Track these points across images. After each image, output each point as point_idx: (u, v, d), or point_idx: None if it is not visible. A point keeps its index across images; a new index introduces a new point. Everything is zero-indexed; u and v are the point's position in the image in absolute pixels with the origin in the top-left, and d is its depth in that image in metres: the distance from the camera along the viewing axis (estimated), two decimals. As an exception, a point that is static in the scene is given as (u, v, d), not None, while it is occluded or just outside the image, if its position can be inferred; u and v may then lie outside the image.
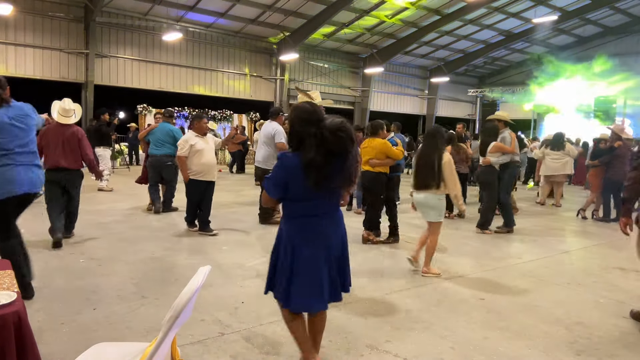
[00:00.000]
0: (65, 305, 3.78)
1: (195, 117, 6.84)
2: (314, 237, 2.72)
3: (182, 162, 6.43)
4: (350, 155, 2.63)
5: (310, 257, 2.70)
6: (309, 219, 2.73)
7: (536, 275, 5.21)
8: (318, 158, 2.56)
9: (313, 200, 2.70)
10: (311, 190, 2.62)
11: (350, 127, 2.67)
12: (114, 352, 2.27)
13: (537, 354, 3.28)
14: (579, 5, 20.92)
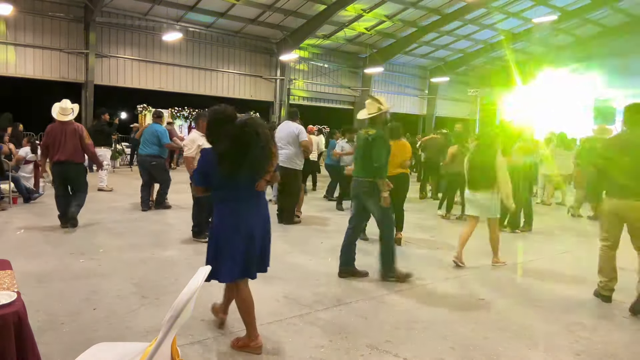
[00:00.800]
0: (65, 305, 3.78)
1: (199, 115, 6.45)
2: (233, 219, 3.11)
3: (190, 163, 6.12)
4: (258, 147, 3.00)
5: (230, 236, 3.09)
6: (228, 204, 3.14)
7: (536, 275, 5.20)
8: (229, 151, 2.97)
9: (230, 187, 3.10)
10: (227, 178, 3.03)
11: (257, 123, 3.09)
12: (114, 352, 2.27)
13: (537, 354, 3.28)
14: (579, 6, 20.91)
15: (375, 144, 4.68)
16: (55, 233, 6.26)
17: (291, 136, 7.38)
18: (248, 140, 2.99)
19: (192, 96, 20.31)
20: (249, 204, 3.16)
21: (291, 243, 6.26)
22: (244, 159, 3.00)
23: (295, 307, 3.95)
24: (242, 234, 3.08)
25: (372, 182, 4.71)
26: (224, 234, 3.11)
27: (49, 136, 6.43)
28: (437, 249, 6.20)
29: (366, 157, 4.72)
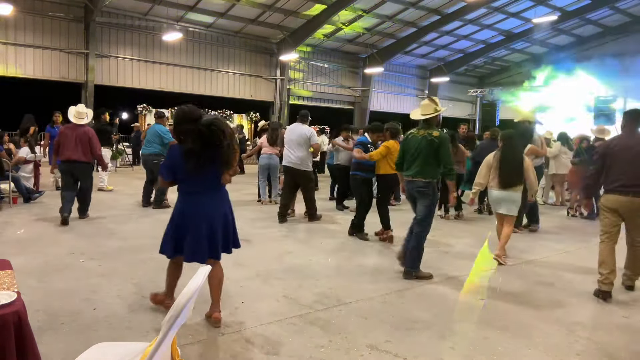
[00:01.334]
0: (65, 305, 3.78)
1: None
2: (196, 208, 3.47)
3: None
4: (223, 145, 3.33)
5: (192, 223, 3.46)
6: (192, 195, 3.50)
7: (536, 275, 5.20)
8: (195, 148, 3.30)
9: (194, 180, 3.45)
10: (192, 173, 3.38)
11: (223, 122, 3.42)
12: (114, 352, 2.27)
13: (537, 354, 3.28)
14: (579, 5, 20.92)
15: (442, 147, 4.83)
16: (55, 233, 6.26)
17: (303, 138, 7.46)
18: (214, 139, 3.31)
19: (192, 96, 20.31)
20: (211, 196, 3.53)
21: (291, 243, 6.26)
22: (209, 156, 3.35)
23: (295, 307, 3.95)
24: (205, 222, 3.46)
25: (429, 183, 4.86)
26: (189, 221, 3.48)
27: (62, 136, 7.07)
28: (437, 249, 6.19)
29: (428, 158, 4.83)
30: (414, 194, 4.95)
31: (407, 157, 5.02)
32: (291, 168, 7.60)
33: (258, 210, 8.71)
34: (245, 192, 10.88)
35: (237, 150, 3.52)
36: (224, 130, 3.34)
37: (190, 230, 3.46)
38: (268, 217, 7.95)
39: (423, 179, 4.85)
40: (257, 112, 20.87)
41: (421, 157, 4.85)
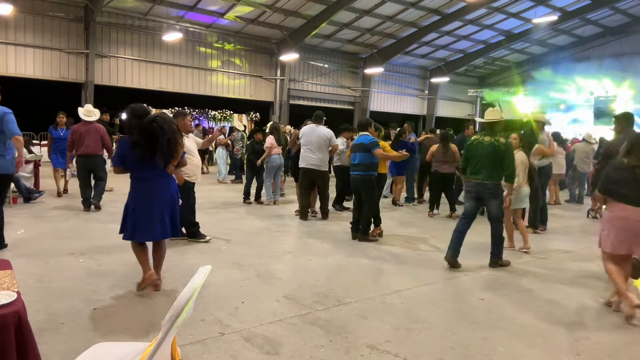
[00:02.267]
0: (65, 305, 3.78)
1: (179, 114, 6.01)
2: (145, 193, 3.98)
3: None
4: (164, 139, 3.84)
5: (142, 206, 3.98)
6: (141, 181, 4.04)
7: (536, 275, 5.21)
8: (140, 140, 3.84)
9: (142, 169, 3.98)
10: (139, 162, 3.92)
11: (164, 120, 3.91)
12: (114, 352, 2.27)
13: (537, 354, 3.28)
14: (579, 6, 20.92)
15: (507, 153, 5.25)
16: (55, 233, 6.26)
17: (323, 140, 7.53)
18: (155, 133, 3.84)
19: (192, 96, 20.32)
20: (158, 182, 4.05)
21: (291, 243, 6.27)
22: (152, 148, 3.86)
23: (295, 307, 3.95)
24: (154, 205, 3.98)
25: (498, 185, 5.33)
26: (139, 206, 4.01)
27: (74, 134, 8.01)
28: (436, 249, 6.19)
29: (495, 163, 5.22)
30: (484, 196, 5.34)
31: (473, 161, 5.37)
32: (311, 170, 7.61)
33: (258, 209, 8.71)
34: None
35: (180, 144, 4.09)
36: (163, 127, 3.86)
37: (142, 212, 3.99)
38: (269, 218, 7.96)
39: (492, 181, 5.27)
40: (257, 112, 20.86)
41: (489, 162, 5.24)
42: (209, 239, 6.10)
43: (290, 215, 8.25)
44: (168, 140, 3.88)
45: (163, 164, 3.96)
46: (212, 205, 8.95)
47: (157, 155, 3.87)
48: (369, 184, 6.55)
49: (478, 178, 5.30)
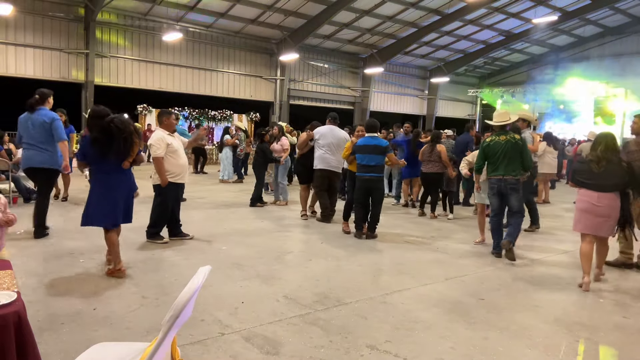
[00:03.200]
0: (65, 305, 3.78)
1: (162, 113, 6.01)
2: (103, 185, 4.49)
3: (160, 164, 5.70)
4: (120, 138, 4.37)
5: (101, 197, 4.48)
6: (100, 174, 4.57)
7: (536, 275, 5.20)
8: (99, 137, 4.39)
9: (101, 163, 4.51)
10: (98, 157, 4.46)
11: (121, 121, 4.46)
12: (114, 352, 2.27)
13: (537, 354, 3.28)
14: (579, 6, 20.93)
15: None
16: (55, 233, 6.26)
17: (342, 142, 7.51)
18: (112, 133, 4.37)
19: (192, 96, 20.33)
20: (116, 177, 4.52)
21: (292, 243, 6.27)
22: (109, 145, 4.39)
23: (295, 307, 3.95)
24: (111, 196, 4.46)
25: (518, 179, 5.72)
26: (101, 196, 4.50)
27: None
28: (436, 249, 6.20)
29: (514, 158, 5.65)
30: (505, 191, 5.72)
31: (492, 160, 5.75)
32: (331, 171, 7.55)
33: (258, 210, 8.71)
34: (243, 194, 10.90)
35: (136, 143, 4.57)
36: (119, 127, 4.40)
37: (100, 202, 4.49)
38: (269, 218, 7.96)
39: (514, 176, 5.68)
40: (257, 112, 20.86)
41: (508, 158, 5.65)
42: (167, 241, 5.95)
43: (290, 216, 8.25)
44: (124, 139, 4.42)
45: (119, 160, 4.50)
46: (213, 205, 8.95)
47: (112, 151, 4.40)
48: (382, 184, 6.91)
49: (499, 174, 5.70)
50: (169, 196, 5.90)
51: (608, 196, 4.67)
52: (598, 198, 4.69)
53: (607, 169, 4.68)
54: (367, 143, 6.65)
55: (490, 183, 5.84)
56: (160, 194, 5.91)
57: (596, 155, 4.76)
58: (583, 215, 4.80)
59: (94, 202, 4.51)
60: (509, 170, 5.67)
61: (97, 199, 4.50)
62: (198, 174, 14.67)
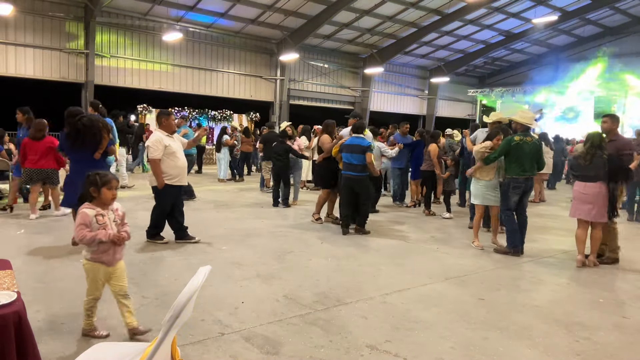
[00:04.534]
0: (65, 305, 3.78)
1: (162, 113, 5.94)
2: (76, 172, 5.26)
3: (157, 166, 5.65)
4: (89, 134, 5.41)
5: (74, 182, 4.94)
6: (75, 163, 5.51)
7: (536, 275, 5.21)
8: (71, 133, 5.44)
9: (75, 154, 5.57)
10: (70, 148, 5.56)
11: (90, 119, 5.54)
12: (114, 352, 2.28)
13: (537, 354, 3.28)
14: (579, 6, 20.93)
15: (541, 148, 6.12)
16: (54, 233, 6.26)
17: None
18: (81, 129, 5.39)
19: (192, 96, 20.31)
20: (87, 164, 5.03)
21: (292, 243, 6.27)
22: (78, 139, 5.40)
23: (295, 307, 3.95)
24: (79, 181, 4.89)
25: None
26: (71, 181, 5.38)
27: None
28: (436, 249, 6.20)
29: (537, 158, 5.98)
30: (527, 189, 6.06)
31: (521, 159, 5.92)
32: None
33: (258, 209, 8.71)
34: (243, 195, 10.89)
35: (105, 138, 5.47)
36: (87, 124, 5.41)
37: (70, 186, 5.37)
38: (269, 218, 7.96)
39: (533, 175, 6.07)
40: (257, 112, 20.85)
41: (535, 158, 5.98)
42: (167, 241, 5.93)
43: (290, 215, 8.25)
44: (93, 134, 5.42)
45: (90, 151, 5.45)
46: (213, 205, 8.95)
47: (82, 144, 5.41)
48: (366, 183, 6.88)
49: (526, 174, 5.93)
50: (166, 198, 5.85)
51: (593, 185, 5.43)
52: (584, 187, 5.49)
53: (592, 163, 5.40)
54: (352, 143, 6.82)
55: (517, 182, 5.92)
56: (158, 196, 5.89)
57: (583, 151, 5.50)
58: (576, 203, 5.62)
59: (66, 186, 5.61)
60: (534, 170, 6.01)
61: (68, 184, 5.53)
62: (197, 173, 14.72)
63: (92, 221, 3.10)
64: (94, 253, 3.15)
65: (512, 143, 5.96)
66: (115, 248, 3.19)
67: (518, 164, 5.92)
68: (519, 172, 5.91)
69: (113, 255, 3.20)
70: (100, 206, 3.17)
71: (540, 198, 11.24)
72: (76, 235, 3.10)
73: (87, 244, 3.12)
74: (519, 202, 6.02)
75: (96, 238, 3.06)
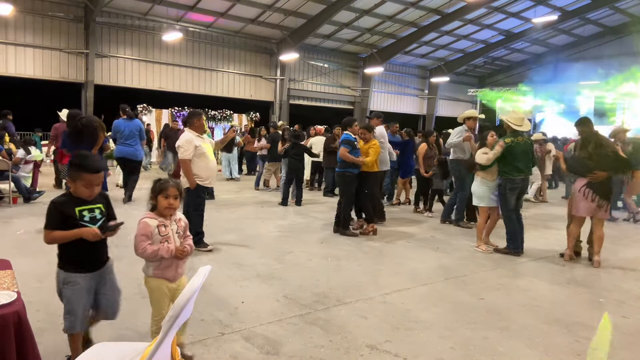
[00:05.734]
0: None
1: (193, 114, 5.79)
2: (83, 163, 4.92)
3: (188, 166, 5.47)
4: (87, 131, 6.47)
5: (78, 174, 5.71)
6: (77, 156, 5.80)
7: (536, 275, 5.20)
8: (72, 132, 6.60)
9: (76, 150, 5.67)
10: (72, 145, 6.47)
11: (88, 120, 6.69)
12: (114, 352, 2.27)
13: (537, 354, 3.28)
14: (579, 5, 20.92)
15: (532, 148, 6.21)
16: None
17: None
18: (80, 129, 6.51)
19: (192, 96, 20.31)
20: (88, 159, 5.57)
21: (292, 243, 6.27)
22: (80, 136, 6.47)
23: (295, 307, 3.95)
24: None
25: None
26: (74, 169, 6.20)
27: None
28: (436, 249, 6.20)
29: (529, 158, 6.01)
30: (523, 189, 6.12)
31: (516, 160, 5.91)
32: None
33: (258, 209, 8.71)
34: (241, 194, 10.87)
35: (99, 137, 6.55)
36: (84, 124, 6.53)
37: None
38: (269, 218, 7.96)
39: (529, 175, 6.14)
40: (257, 112, 20.85)
41: (527, 159, 6.01)
42: (211, 248, 5.78)
43: (290, 215, 8.25)
44: (90, 133, 6.46)
45: (88, 147, 6.26)
46: (214, 205, 8.95)
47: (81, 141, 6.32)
48: (342, 179, 6.94)
49: (522, 174, 5.97)
50: (199, 201, 5.67)
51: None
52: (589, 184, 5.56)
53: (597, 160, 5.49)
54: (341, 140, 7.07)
55: (514, 183, 5.92)
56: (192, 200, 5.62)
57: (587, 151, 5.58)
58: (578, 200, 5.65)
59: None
60: (529, 170, 6.08)
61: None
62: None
63: (154, 232, 2.86)
64: (157, 268, 2.88)
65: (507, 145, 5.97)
66: (178, 262, 2.93)
67: (513, 164, 5.93)
68: (515, 173, 5.92)
69: (176, 269, 2.92)
70: (162, 216, 2.90)
71: (542, 199, 11.33)
72: (136, 247, 2.85)
73: (148, 259, 2.87)
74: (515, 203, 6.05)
75: (158, 254, 2.81)
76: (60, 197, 2.74)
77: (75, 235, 2.64)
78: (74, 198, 2.73)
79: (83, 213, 2.71)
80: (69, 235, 2.64)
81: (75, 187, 2.74)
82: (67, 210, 2.66)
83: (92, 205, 2.78)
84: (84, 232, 2.65)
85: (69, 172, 2.82)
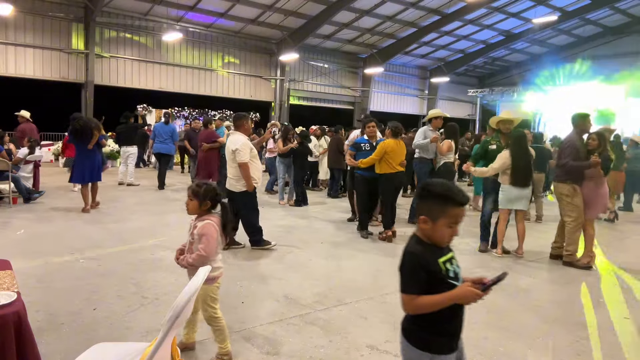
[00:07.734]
0: (65, 305, 3.78)
1: (241, 116, 5.78)
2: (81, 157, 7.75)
3: (247, 169, 5.47)
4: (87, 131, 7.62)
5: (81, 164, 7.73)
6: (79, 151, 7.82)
7: (536, 275, 5.21)
8: (73, 131, 7.77)
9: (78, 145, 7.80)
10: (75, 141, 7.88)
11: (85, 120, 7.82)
12: (114, 352, 2.27)
13: (537, 354, 3.28)
14: (579, 6, 20.92)
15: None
16: (55, 233, 6.26)
17: None
18: (79, 128, 7.59)
19: (192, 96, 20.30)
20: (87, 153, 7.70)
21: (291, 243, 6.27)
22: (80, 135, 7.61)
23: (295, 307, 3.95)
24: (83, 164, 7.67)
25: None
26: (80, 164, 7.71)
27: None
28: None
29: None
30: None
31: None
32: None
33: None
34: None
35: (95, 134, 7.64)
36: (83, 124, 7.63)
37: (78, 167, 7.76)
38: (269, 218, 7.96)
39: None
40: (257, 112, 20.84)
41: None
42: (275, 244, 5.87)
43: (290, 215, 8.25)
44: (86, 132, 7.59)
45: (86, 143, 7.61)
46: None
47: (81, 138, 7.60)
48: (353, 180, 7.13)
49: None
50: (254, 201, 5.80)
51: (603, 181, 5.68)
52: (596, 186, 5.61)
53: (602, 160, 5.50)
54: None
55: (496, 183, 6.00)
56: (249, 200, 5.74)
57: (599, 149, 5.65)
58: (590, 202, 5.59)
59: (73, 167, 7.95)
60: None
61: (76, 166, 7.81)
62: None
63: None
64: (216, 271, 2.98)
65: (489, 147, 6.18)
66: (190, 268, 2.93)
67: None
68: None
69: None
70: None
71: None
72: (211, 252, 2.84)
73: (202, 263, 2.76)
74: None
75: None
76: (416, 246, 1.88)
77: (451, 299, 1.84)
78: (429, 245, 1.89)
79: (447, 266, 1.91)
80: (442, 301, 1.82)
81: (434, 227, 1.85)
82: (432, 265, 1.84)
83: (449, 254, 1.95)
84: (461, 295, 1.87)
85: (419, 206, 1.92)
